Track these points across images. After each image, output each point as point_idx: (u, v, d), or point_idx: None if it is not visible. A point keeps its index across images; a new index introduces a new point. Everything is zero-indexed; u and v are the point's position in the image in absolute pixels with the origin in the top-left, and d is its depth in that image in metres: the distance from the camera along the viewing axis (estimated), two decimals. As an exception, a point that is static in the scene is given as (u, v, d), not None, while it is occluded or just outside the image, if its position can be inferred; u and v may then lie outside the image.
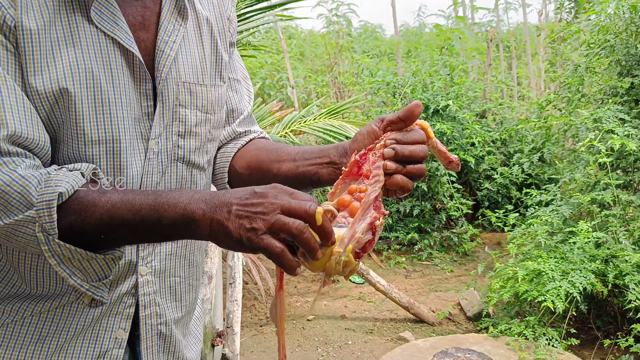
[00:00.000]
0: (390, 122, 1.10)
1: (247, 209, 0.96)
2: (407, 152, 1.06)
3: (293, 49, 12.24)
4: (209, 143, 1.35)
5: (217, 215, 0.97)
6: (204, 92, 1.30)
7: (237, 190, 1.01)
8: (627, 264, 3.83)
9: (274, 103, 5.95)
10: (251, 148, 1.45)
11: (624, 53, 5.01)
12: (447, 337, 4.06)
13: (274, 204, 0.95)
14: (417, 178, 1.09)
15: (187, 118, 1.27)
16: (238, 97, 1.50)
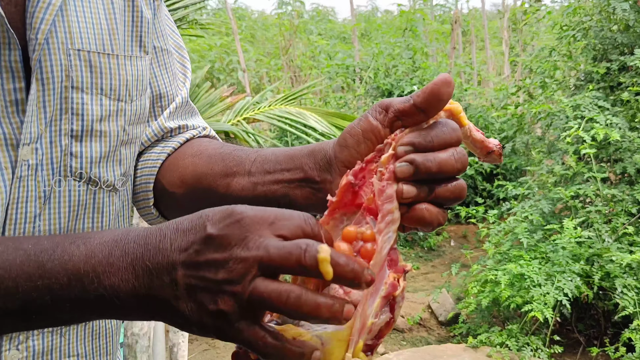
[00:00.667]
0: (400, 113, 0.68)
1: (202, 275, 0.59)
2: (435, 166, 0.64)
3: (244, 30, 11.63)
4: (123, 147, 0.89)
5: (155, 290, 0.61)
6: (113, 68, 0.84)
7: (177, 227, 0.63)
8: (614, 265, 3.52)
9: (225, 87, 5.39)
10: (187, 154, 0.97)
11: (599, 36, 4.71)
12: (421, 349, 3.66)
13: (245, 260, 0.58)
14: (453, 203, 0.67)
15: (85, 108, 0.82)
16: (168, 77, 1.01)
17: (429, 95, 0.65)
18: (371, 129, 0.69)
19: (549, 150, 4.65)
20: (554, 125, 4.59)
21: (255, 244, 0.58)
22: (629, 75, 4.44)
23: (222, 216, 0.60)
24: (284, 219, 0.60)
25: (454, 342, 4.02)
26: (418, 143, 0.65)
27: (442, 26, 7.76)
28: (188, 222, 0.62)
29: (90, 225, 0.85)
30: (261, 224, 0.59)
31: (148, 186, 0.98)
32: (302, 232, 0.59)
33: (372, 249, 0.62)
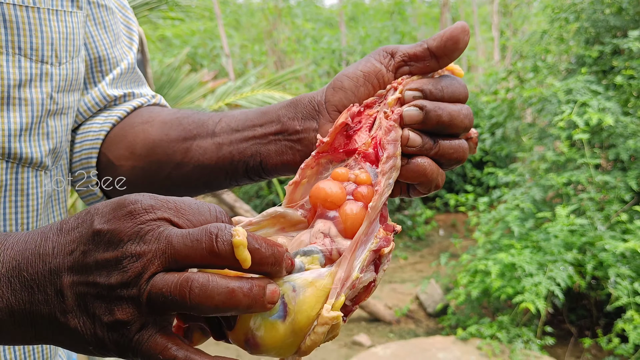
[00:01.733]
0: (410, 57, 0.62)
1: (92, 280, 0.48)
2: (447, 116, 0.58)
3: (228, 16, 11.42)
4: (51, 119, 0.75)
5: (37, 306, 0.49)
6: (34, 23, 0.71)
7: (61, 227, 0.51)
8: (607, 254, 3.41)
9: (206, 71, 5.20)
10: (136, 122, 0.84)
11: (591, 19, 4.57)
12: (410, 342, 3.53)
13: (141, 255, 0.47)
14: (453, 165, 0.62)
15: (0, 71, 0.69)
16: (109, 38, 0.87)
17: (446, 40, 0.59)
18: (374, 72, 0.62)
19: (539, 136, 4.52)
20: (545, 110, 4.46)
21: (153, 235, 0.47)
22: (621, 59, 4.31)
23: (112, 207, 0.49)
24: (188, 208, 0.49)
25: (442, 334, 3.90)
26: (428, 91, 0.58)
27: (431, 10, 7.59)
28: (74, 220, 0.51)
29: (13, 210, 0.72)
30: (159, 214, 0.48)
31: (90, 161, 0.84)
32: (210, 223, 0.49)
33: (368, 193, 0.56)
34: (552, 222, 3.69)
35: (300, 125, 0.65)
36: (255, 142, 0.69)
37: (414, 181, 0.59)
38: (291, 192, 0.60)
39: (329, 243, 0.55)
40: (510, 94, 5.11)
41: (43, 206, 0.76)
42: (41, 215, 0.76)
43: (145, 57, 2.20)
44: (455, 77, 0.61)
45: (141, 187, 0.81)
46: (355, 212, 0.55)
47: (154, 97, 0.93)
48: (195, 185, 0.76)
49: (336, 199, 0.56)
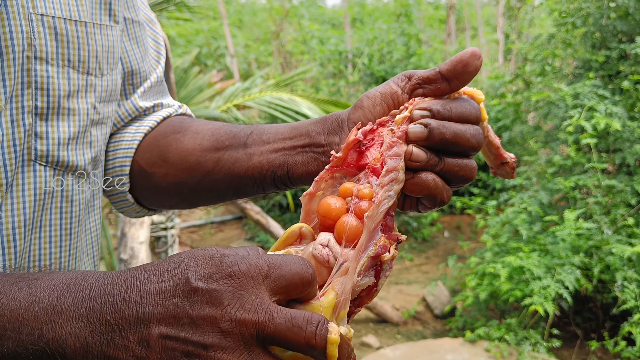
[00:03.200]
0: (423, 80, 0.65)
1: (184, 336, 0.48)
2: (450, 134, 0.61)
3: (232, 15, 11.42)
4: (94, 128, 0.78)
5: (114, 350, 0.48)
6: (81, 36, 0.74)
7: (149, 276, 0.51)
8: (614, 258, 3.44)
9: (214, 73, 5.22)
10: (168, 131, 0.88)
11: (598, 24, 4.60)
12: (418, 344, 3.56)
13: (242, 323, 0.48)
14: (460, 183, 0.64)
15: (51, 82, 0.71)
16: (140, 52, 0.90)
17: (456, 64, 0.62)
18: (390, 93, 0.66)
19: (545, 140, 4.55)
20: (552, 114, 4.49)
21: (254, 305, 0.48)
22: (628, 64, 4.34)
23: (208, 266, 0.50)
24: (279, 267, 0.51)
25: (450, 335, 3.94)
26: (436, 110, 0.62)
27: (437, 12, 7.61)
28: (162, 272, 0.50)
29: (58, 216, 0.74)
30: (255, 279, 0.49)
31: (123, 169, 0.87)
32: (300, 280, 0.51)
33: (368, 207, 0.59)
34: (559, 225, 3.73)
35: (325, 140, 0.70)
36: (284, 153, 0.73)
37: (418, 194, 0.62)
38: (307, 203, 0.64)
39: (327, 252, 0.58)
40: (516, 97, 5.14)
41: (83, 213, 0.79)
42: (82, 221, 0.79)
43: (168, 62, 2.23)
44: (468, 99, 0.64)
45: (171, 193, 0.84)
46: (349, 224, 0.59)
47: (181, 107, 0.96)
48: (225, 192, 0.79)
49: (335, 213, 0.60)
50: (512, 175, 0.72)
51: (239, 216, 6.87)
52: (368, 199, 0.60)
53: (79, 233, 0.78)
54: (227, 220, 6.95)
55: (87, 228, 0.82)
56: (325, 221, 0.61)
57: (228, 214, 7.09)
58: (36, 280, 0.52)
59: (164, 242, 2.80)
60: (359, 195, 0.61)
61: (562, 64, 4.99)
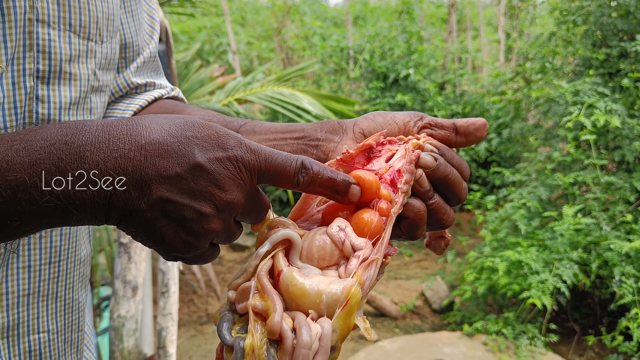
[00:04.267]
0: (436, 125, 0.72)
1: (186, 202, 0.54)
2: (453, 177, 0.67)
3: (234, 12, 11.44)
4: (94, 95, 0.79)
5: (117, 201, 0.52)
6: (83, 1, 0.74)
7: (154, 128, 0.54)
8: (612, 253, 3.46)
9: (216, 67, 5.24)
10: (158, 112, 0.89)
11: (599, 22, 4.62)
12: (416, 337, 3.58)
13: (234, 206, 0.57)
14: (435, 226, 0.69)
15: (53, 46, 0.71)
16: (135, 25, 0.90)
17: (470, 125, 0.70)
18: (403, 120, 0.71)
19: (545, 137, 4.56)
20: (552, 111, 4.50)
21: (247, 195, 0.58)
22: (628, 62, 4.36)
23: (212, 142, 0.56)
24: (275, 166, 0.58)
25: (448, 329, 3.95)
26: (443, 151, 0.67)
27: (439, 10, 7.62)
28: (168, 135, 0.55)
29: None
30: (252, 171, 0.57)
31: None
32: (286, 179, 0.59)
33: (387, 208, 0.63)
34: (558, 221, 3.74)
35: (322, 136, 0.72)
36: (275, 143, 0.73)
37: (407, 214, 0.65)
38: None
39: (343, 235, 0.60)
40: (517, 95, 5.15)
41: None
42: None
43: (170, 48, 2.24)
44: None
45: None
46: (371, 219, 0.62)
47: (173, 90, 0.97)
48: None
49: (375, 188, 0.63)
50: (442, 252, 0.78)
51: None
52: (387, 200, 0.64)
53: None
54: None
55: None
56: (366, 190, 0.62)
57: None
58: (31, 141, 0.51)
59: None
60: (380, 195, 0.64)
61: (563, 62, 5.00)
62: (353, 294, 0.55)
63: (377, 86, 5.63)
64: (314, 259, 0.60)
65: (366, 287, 0.57)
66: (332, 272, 0.60)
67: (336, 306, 0.55)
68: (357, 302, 0.56)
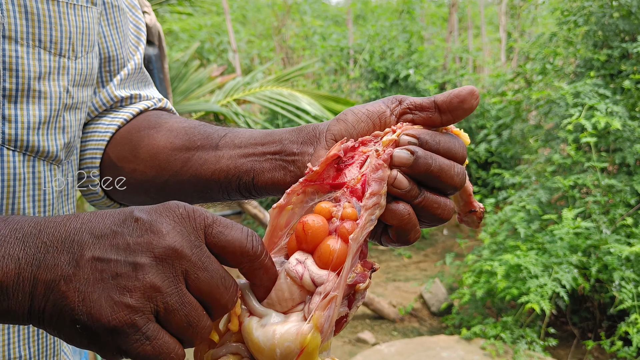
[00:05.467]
0: (415, 107, 0.63)
1: (117, 258, 0.49)
2: (437, 167, 0.58)
3: (235, 11, 11.42)
4: (67, 113, 0.76)
5: (44, 270, 0.49)
6: (53, 16, 0.71)
7: (96, 212, 0.53)
8: (612, 257, 3.43)
9: (215, 67, 5.21)
10: (142, 126, 0.85)
11: (600, 23, 4.58)
12: (414, 341, 3.56)
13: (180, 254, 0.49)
14: (434, 222, 0.61)
15: (21, 63, 0.68)
16: (119, 38, 0.88)
17: (453, 98, 0.60)
18: (378, 112, 0.63)
19: (546, 138, 4.53)
20: (552, 112, 4.47)
21: (191, 243, 0.50)
22: (629, 63, 4.32)
23: (154, 205, 0.52)
24: (224, 225, 0.52)
25: (446, 333, 3.93)
26: (424, 140, 0.59)
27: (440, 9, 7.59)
28: (111, 210, 0.52)
29: (30, 204, 0.72)
30: (197, 223, 0.51)
31: (94, 161, 0.86)
32: (239, 248, 0.52)
33: (352, 228, 0.56)
34: (557, 224, 3.71)
35: (298, 149, 0.66)
36: (253, 159, 0.70)
37: (389, 222, 0.59)
38: (275, 216, 0.60)
39: (301, 269, 0.55)
40: (517, 96, 5.12)
41: (56, 202, 0.77)
42: (56, 209, 0.77)
43: (162, 52, 2.22)
44: (456, 136, 0.62)
45: (139, 190, 0.83)
46: (335, 247, 0.55)
47: (160, 101, 0.94)
48: (191, 194, 0.77)
49: (319, 233, 0.56)
50: (478, 225, 0.71)
51: (238, 211, 6.86)
52: (352, 219, 0.57)
53: None
54: (227, 215, 6.95)
55: None
56: (306, 241, 0.57)
57: (227, 208, 7.09)
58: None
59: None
60: (343, 215, 0.57)
61: (564, 62, 4.96)
62: (309, 341, 0.51)
63: (377, 86, 5.61)
64: (274, 303, 0.56)
65: (326, 328, 0.53)
66: (294, 316, 0.55)
67: (291, 358, 0.52)
68: (316, 348, 0.52)
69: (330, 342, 0.55)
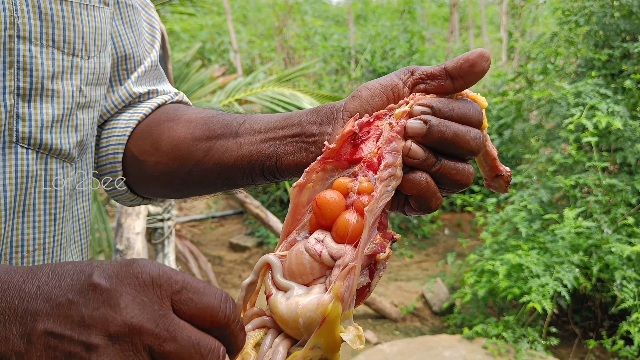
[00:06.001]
0: (427, 76, 0.62)
1: (71, 336, 0.44)
2: (450, 134, 0.58)
3: (236, 11, 11.42)
4: (80, 111, 0.76)
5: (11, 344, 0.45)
6: (67, 16, 0.72)
7: (54, 269, 0.48)
8: (613, 257, 3.44)
9: (216, 67, 5.23)
10: (161, 119, 0.86)
11: (601, 22, 4.59)
12: (416, 340, 3.56)
13: (137, 331, 0.45)
14: (455, 188, 0.61)
15: (34, 63, 0.69)
16: (134, 36, 0.89)
17: (463, 63, 0.59)
18: (391, 85, 0.63)
19: (547, 138, 4.54)
20: (553, 112, 4.48)
21: (154, 315, 0.45)
22: (631, 63, 4.33)
23: (116, 265, 0.47)
24: (195, 291, 0.47)
25: (448, 332, 3.94)
26: (437, 108, 0.58)
27: (441, 9, 7.59)
28: (72, 266, 0.48)
29: (42, 200, 0.73)
30: (163, 289, 0.46)
31: (116, 157, 0.87)
32: (210, 315, 0.47)
33: (368, 201, 0.57)
34: (559, 223, 3.72)
35: (317, 129, 0.67)
36: (274, 143, 0.70)
37: (408, 192, 0.59)
38: (296, 195, 0.61)
39: (320, 247, 0.57)
40: (518, 96, 5.13)
41: (68, 199, 0.78)
42: (67, 207, 0.78)
43: (166, 53, 2.23)
44: (472, 101, 0.61)
45: (162, 182, 0.84)
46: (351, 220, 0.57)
47: (177, 95, 0.95)
48: (215, 183, 0.78)
49: (334, 209, 0.58)
50: (506, 189, 0.70)
51: (240, 211, 6.87)
52: (368, 193, 0.58)
53: (65, 219, 0.77)
54: (228, 215, 6.96)
55: (75, 214, 0.81)
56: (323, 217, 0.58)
57: (229, 208, 7.10)
58: None
59: (160, 234, 2.81)
60: (359, 189, 0.59)
61: (565, 62, 4.97)
62: (330, 310, 0.53)
63: (378, 86, 5.59)
64: (296, 276, 0.58)
65: (347, 298, 0.54)
66: (317, 287, 0.57)
67: (314, 327, 0.53)
68: (338, 316, 0.53)
69: (351, 311, 0.56)
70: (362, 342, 0.56)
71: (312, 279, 0.58)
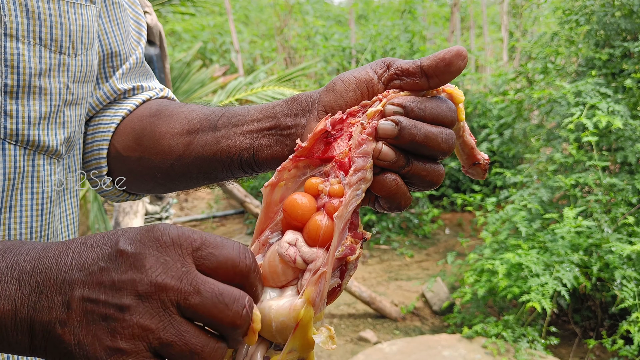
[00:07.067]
0: (402, 72, 0.61)
1: (105, 299, 0.48)
2: (421, 136, 0.57)
3: (238, 11, 11.44)
4: (67, 108, 0.77)
5: (39, 313, 0.49)
6: (54, 14, 0.73)
7: (85, 241, 0.52)
8: (613, 256, 3.43)
9: (217, 67, 5.24)
10: (144, 114, 0.87)
11: (602, 22, 4.58)
12: (415, 339, 3.56)
13: (163, 288, 0.48)
14: (425, 187, 0.61)
15: (22, 60, 0.70)
16: (120, 33, 0.90)
17: (438, 61, 0.58)
18: (365, 80, 0.62)
19: (547, 138, 4.54)
20: (554, 112, 4.48)
21: (178, 272, 0.48)
22: (631, 62, 4.32)
23: (140, 231, 0.50)
24: (214, 246, 0.50)
25: (448, 332, 3.94)
26: (410, 108, 0.58)
27: (442, 9, 7.59)
28: (100, 237, 0.52)
29: (29, 196, 0.74)
30: (184, 248, 0.49)
31: (101, 153, 0.88)
32: (232, 267, 0.50)
33: (338, 205, 0.57)
34: (559, 223, 3.72)
35: (292, 122, 0.67)
36: (251, 136, 0.71)
37: (378, 193, 0.59)
38: (268, 194, 0.61)
39: (293, 252, 0.57)
40: (519, 95, 5.12)
41: (55, 195, 0.79)
42: (54, 203, 0.79)
43: (164, 52, 2.24)
44: (445, 100, 0.61)
45: (146, 177, 0.85)
46: (322, 223, 0.57)
47: (162, 90, 0.96)
48: (197, 177, 0.79)
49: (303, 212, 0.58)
50: (483, 176, 0.70)
51: (240, 211, 6.88)
52: (339, 196, 0.58)
53: (52, 215, 0.78)
54: (229, 214, 6.97)
55: (62, 210, 0.82)
56: (292, 219, 0.58)
57: (230, 208, 7.11)
58: None
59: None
60: (330, 193, 0.58)
61: (566, 62, 4.97)
62: (303, 315, 0.53)
63: (378, 86, 5.59)
64: (269, 280, 0.58)
65: (318, 302, 0.55)
66: (289, 290, 0.58)
67: (286, 331, 0.54)
68: (310, 320, 0.54)
69: (323, 312, 0.56)
70: (334, 342, 0.57)
71: (284, 282, 0.58)
